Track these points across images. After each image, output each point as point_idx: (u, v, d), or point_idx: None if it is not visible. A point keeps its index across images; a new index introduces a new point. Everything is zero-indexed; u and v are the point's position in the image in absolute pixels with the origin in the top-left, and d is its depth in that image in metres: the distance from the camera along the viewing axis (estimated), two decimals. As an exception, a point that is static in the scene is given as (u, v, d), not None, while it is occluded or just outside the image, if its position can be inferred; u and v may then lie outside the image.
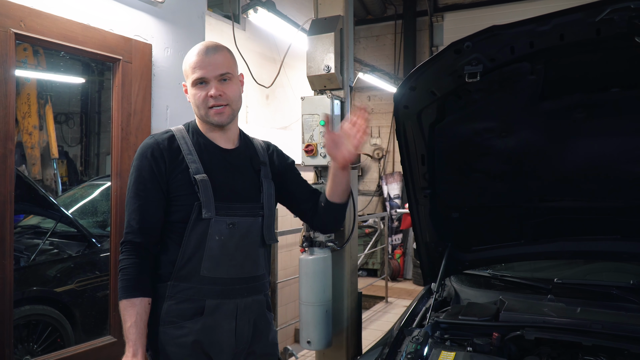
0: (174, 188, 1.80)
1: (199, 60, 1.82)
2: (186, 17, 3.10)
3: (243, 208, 1.86)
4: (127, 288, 1.75)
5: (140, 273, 1.78)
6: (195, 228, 1.79)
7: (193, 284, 1.80)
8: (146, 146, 1.84)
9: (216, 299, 1.81)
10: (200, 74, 1.81)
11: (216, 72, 1.82)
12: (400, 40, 10.11)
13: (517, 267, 2.97)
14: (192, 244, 1.79)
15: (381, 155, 10.45)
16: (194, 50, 1.86)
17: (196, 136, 1.90)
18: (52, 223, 4.05)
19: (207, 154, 1.86)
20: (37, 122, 5.77)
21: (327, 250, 3.57)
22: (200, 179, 1.79)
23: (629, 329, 2.01)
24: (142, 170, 1.81)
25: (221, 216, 1.80)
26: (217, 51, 1.86)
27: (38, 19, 2.31)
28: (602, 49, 1.80)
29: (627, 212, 2.35)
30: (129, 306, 1.73)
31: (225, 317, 1.82)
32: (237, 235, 1.84)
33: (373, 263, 9.40)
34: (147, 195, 1.80)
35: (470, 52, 1.86)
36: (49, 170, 6.08)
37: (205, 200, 1.78)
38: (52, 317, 3.70)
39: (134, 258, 1.78)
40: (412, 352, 2.03)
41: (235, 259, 1.84)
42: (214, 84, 1.82)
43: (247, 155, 1.96)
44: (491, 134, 2.20)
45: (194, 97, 1.84)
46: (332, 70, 3.54)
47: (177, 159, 1.82)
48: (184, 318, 1.79)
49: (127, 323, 1.72)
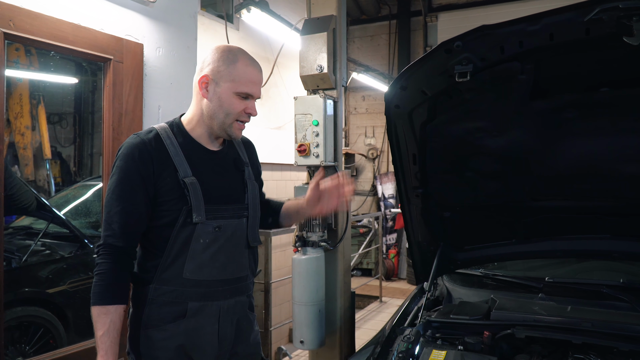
0: (163, 192, 1.74)
1: (256, 76, 1.83)
2: (178, 17, 3.10)
3: (229, 210, 1.84)
4: (102, 294, 1.68)
5: (117, 279, 1.72)
6: (182, 232, 1.75)
7: (175, 286, 1.76)
8: (132, 147, 1.74)
9: (199, 302, 1.77)
10: (252, 90, 1.80)
11: (260, 94, 1.85)
12: (394, 40, 10.12)
13: (509, 266, 2.98)
14: (177, 247, 1.75)
15: (375, 155, 10.45)
16: (245, 61, 1.81)
17: (181, 136, 1.83)
18: (44, 224, 4.04)
19: (194, 156, 1.81)
20: (29, 123, 5.74)
21: (320, 250, 3.57)
22: (189, 182, 1.74)
23: (619, 327, 2.02)
24: (127, 172, 1.72)
25: (209, 220, 1.77)
26: (262, 72, 1.89)
27: (28, 18, 2.30)
28: (591, 49, 1.80)
29: (617, 211, 2.36)
30: (103, 313, 1.66)
31: (208, 319, 1.79)
32: (222, 238, 1.81)
33: (367, 263, 9.41)
34: (132, 198, 1.72)
35: (461, 52, 1.86)
36: (41, 171, 6.05)
37: (196, 205, 1.74)
38: (44, 319, 3.68)
39: (112, 263, 1.71)
40: (403, 351, 2.03)
41: (219, 261, 1.81)
42: (253, 103, 1.84)
43: (231, 157, 1.93)
44: (482, 134, 2.20)
45: (229, 105, 1.78)
46: (324, 70, 3.54)
47: (164, 161, 1.75)
48: (166, 321, 1.75)
49: (100, 331, 1.66)
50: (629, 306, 2.32)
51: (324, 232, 3.60)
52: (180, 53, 3.09)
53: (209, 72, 1.79)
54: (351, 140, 10.71)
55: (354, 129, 10.73)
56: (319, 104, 3.54)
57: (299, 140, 3.61)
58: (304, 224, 3.58)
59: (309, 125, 3.56)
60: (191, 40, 3.18)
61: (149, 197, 1.74)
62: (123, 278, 1.75)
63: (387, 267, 9.32)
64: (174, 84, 3.04)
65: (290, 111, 3.70)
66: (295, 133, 3.64)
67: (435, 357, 2.00)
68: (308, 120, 3.58)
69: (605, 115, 2.03)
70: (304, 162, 3.62)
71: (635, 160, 2.11)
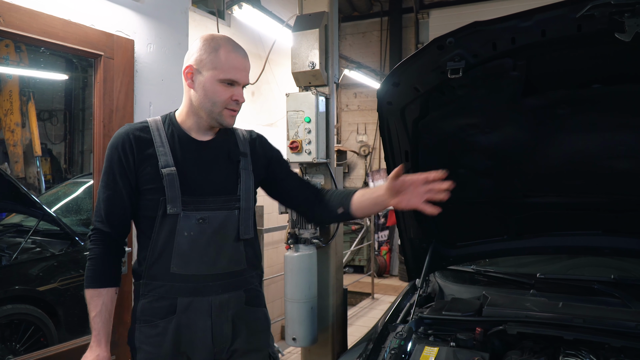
0: (143, 181, 1.76)
1: (239, 62, 1.78)
2: (169, 13, 3.08)
3: (216, 201, 1.80)
4: (94, 278, 1.76)
5: (107, 262, 1.78)
6: (164, 224, 1.75)
7: (164, 281, 1.77)
8: (118, 137, 1.79)
9: (188, 297, 1.77)
10: (235, 76, 1.76)
11: (247, 80, 1.81)
12: (386, 37, 10.12)
13: (501, 262, 2.99)
14: (161, 241, 1.76)
15: (367, 152, 10.46)
16: (227, 47, 1.77)
17: (171, 127, 1.84)
18: (34, 221, 4.01)
19: (179, 146, 1.81)
20: (19, 120, 5.70)
21: (312, 247, 3.57)
22: (167, 172, 1.74)
23: (610, 323, 2.03)
24: (112, 162, 1.78)
25: (190, 211, 1.75)
26: (247, 58, 1.84)
27: (17, 14, 2.27)
28: (583, 45, 1.81)
29: (608, 207, 2.37)
30: (95, 296, 1.74)
31: (199, 315, 1.77)
32: (209, 230, 1.77)
33: (359, 260, 9.43)
34: (115, 187, 1.77)
35: (453, 48, 1.85)
36: (32, 168, 6.01)
37: (171, 195, 1.73)
38: (34, 316, 3.66)
39: (102, 247, 1.78)
40: (395, 347, 2.04)
41: (207, 255, 1.78)
42: (240, 90, 1.80)
43: (224, 147, 1.88)
44: (475, 130, 2.20)
45: (214, 93, 1.76)
46: (316, 67, 3.53)
47: (147, 151, 1.77)
48: (158, 317, 1.76)
49: (92, 313, 1.74)
50: (620, 302, 2.34)
51: (316, 229, 3.60)
52: (172, 49, 3.07)
53: (192, 61, 1.77)
54: (343, 137, 10.71)
55: (345, 126, 10.73)
56: (311, 100, 3.53)
57: (291, 137, 3.60)
58: (296, 220, 3.58)
59: (301, 122, 3.56)
60: (182, 37, 3.16)
61: (131, 186, 1.77)
62: (113, 262, 1.81)
63: (379, 264, 9.33)
64: (165, 80, 3.02)
65: (282, 108, 3.68)
66: (287, 130, 3.63)
67: (427, 354, 2.00)
68: (300, 117, 3.57)
69: (597, 112, 2.03)
70: (296, 159, 3.61)
71: (627, 156, 2.12)
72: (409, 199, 1.77)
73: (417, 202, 1.75)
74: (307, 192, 2.07)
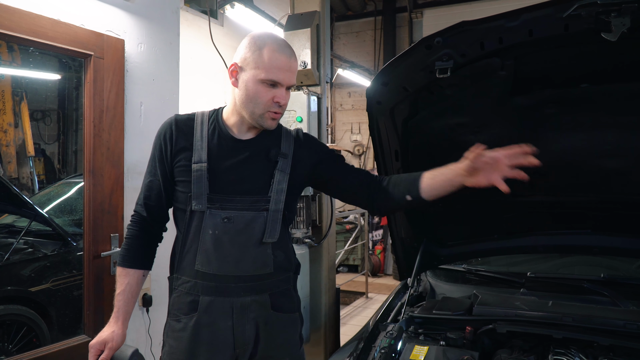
0: (177, 172, 1.79)
1: (283, 62, 1.71)
2: (160, 13, 3.07)
3: (244, 201, 1.75)
4: (125, 257, 1.83)
5: (140, 245, 1.84)
6: (192, 219, 1.76)
7: (190, 277, 1.77)
8: (163, 125, 1.85)
9: (210, 296, 1.75)
10: (278, 77, 1.71)
11: (291, 81, 1.76)
12: (380, 36, 10.13)
13: (492, 261, 3.00)
14: (190, 236, 1.77)
15: (362, 151, 10.47)
16: (272, 45, 1.72)
17: (215, 123, 1.83)
18: (26, 222, 3.99)
19: (217, 142, 1.79)
20: (12, 120, 5.68)
21: (304, 247, 3.57)
22: (196, 168, 1.74)
23: (599, 322, 2.04)
24: (154, 148, 1.84)
25: (215, 209, 1.73)
26: (295, 57, 1.79)
27: (6, 13, 2.26)
28: (570, 45, 1.81)
29: (597, 206, 2.38)
30: (123, 275, 1.81)
31: (220, 315, 1.75)
32: (233, 230, 1.73)
33: (354, 259, 9.43)
34: (154, 173, 1.83)
35: (441, 48, 1.86)
36: (25, 168, 5.99)
37: (197, 192, 1.73)
38: (27, 317, 3.65)
39: (138, 230, 1.84)
40: (386, 346, 2.04)
41: (230, 256, 1.74)
42: (283, 92, 1.74)
43: (264, 146, 1.83)
44: (464, 130, 2.20)
45: (256, 93, 1.72)
46: (308, 66, 3.54)
47: (185, 143, 1.78)
48: (183, 312, 1.78)
49: (117, 290, 1.80)
50: (609, 301, 2.35)
51: (308, 228, 3.60)
52: (163, 49, 3.06)
53: (238, 60, 1.75)
54: (337, 137, 10.72)
55: (340, 125, 10.74)
56: (303, 100, 3.54)
57: (283, 137, 3.60)
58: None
59: (293, 122, 3.56)
60: (173, 36, 3.15)
61: (167, 174, 1.81)
62: (146, 245, 1.87)
63: (373, 263, 9.34)
64: (156, 80, 3.01)
65: (274, 108, 3.68)
66: (279, 129, 3.63)
67: (417, 353, 2.01)
68: (292, 116, 3.57)
69: (585, 111, 2.04)
70: (288, 159, 3.61)
71: (615, 155, 2.13)
72: (488, 175, 1.67)
73: (497, 177, 1.66)
74: (365, 186, 1.92)
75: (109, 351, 1.73)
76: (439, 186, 1.80)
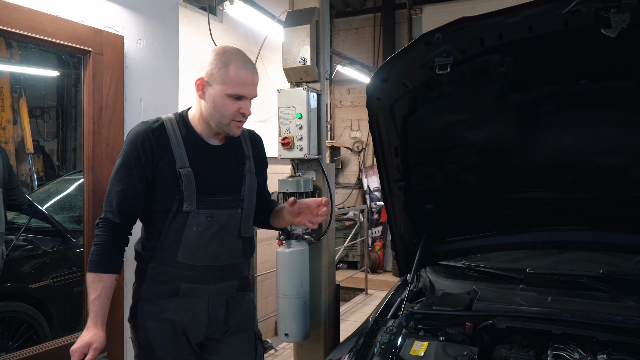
0: (159, 179, 1.90)
1: (248, 77, 1.89)
2: (159, 9, 3.06)
3: (224, 201, 1.96)
4: (98, 263, 1.88)
5: (112, 250, 1.91)
6: (176, 219, 1.90)
7: (170, 268, 1.93)
8: (137, 134, 1.91)
9: (190, 284, 1.94)
10: (244, 92, 1.89)
11: (254, 94, 1.94)
12: (379, 33, 10.11)
13: (491, 258, 3.01)
14: (172, 233, 1.91)
15: (361, 148, 10.46)
16: (236, 62, 1.88)
17: (185, 129, 1.97)
18: (26, 218, 3.99)
19: (195, 149, 1.94)
20: (11, 117, 5.67)
21: (304, 243, 3.58)
22: (184, 173, 1.88)
23: (598, 318, 2.05)
24: (130, 157, 1.89)
25: (201, 209, 1.91)
26: (256, 73, 1.95)
27: (4, 9, 2.26)
28: (570, 41, 1.81)
29: (596, 203, 2.39)
30: (97, 280, 1.86)
31: (198, 299, 1.95)
32: (215, 226, 1.94)
33: (353, 255, 9.44)
34: (131, 181, 1.89)
35: (441, 44, 1.86)
36: (24, 165, 5.99)
37: (188, 194, 1.88)
38: (27, 314, 3.65)
39: (109, 235, 1.90)
40: (386, 342, 2.05)
41: (211, 249, 1.94)
42: (247, 104, 1.93)
43: (233, 151, 2.04)
44: (463, 126, 2.21)
45: (223, 106, 1.88)
46: (308, 63, 3.53)
47: (164, 150, 1.90)
48: (161, 297, 1.94)
49: (92, 296, 1.86)
50: (608, 297, 2.36)
51: (307, 225, 3.60)
52: (162, 45, 3.06)
53: (204, 74, 1.90)
54: (337, 134, 10.71)
55: (339, 122, 10.73)
56: (303, 96, 3.53)
57: (282, 133, 3.60)
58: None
59: (293, 118, 3.56)
60: (173, 33, 3.14)
61: (147, 181, 1.91)
62: (117, 250, 1.94)
63: (373, 259, 9.35)
64: (155, 77, 3.00)
65: (274, 104, 3.69)
66: (278, 126, 3.63)
67: (417, 348, 2.01)
68: (292, 113, 3.57)
69: (583, 108, 2.05)
70: (288, 155, 3.62)
71: (614, 152, 2.13)
72: (307, 216, 2.00)
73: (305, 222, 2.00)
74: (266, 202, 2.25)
75: (94, 352, 1.81)
76: (278, 218, 2.20)
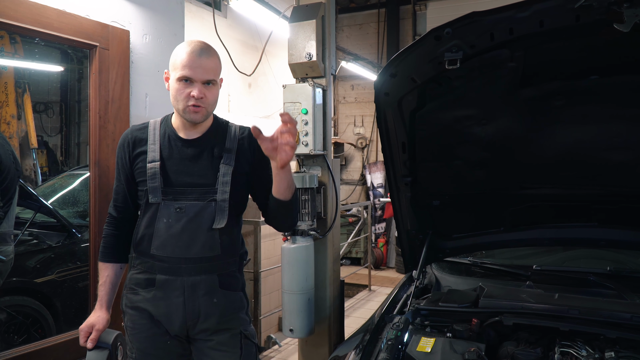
0: (137, 174, 2.02)
1: (189, 60, 1.90)
2: (165, 4, 3.06)
3: (194, 192, 1.98)
4: (103, 253, 2.11)
5: (114, 242, 2.11)
6: (147, 211, 2.00)
7: (148, 259, 2.01)
8: (122, 137, 2.10)
9: (165, 275, 1.99)
10: (187, 73, 1.90)
11: (203, 77, 1.92)
12: (383, 28, 10.09)
13: (497, 254, 2.99)
14: (144, 225, 2.01)
15: (365, 144, 10.45)
16: (185, 48, 1.93)
17: (165, 127, 2.06)
18: (31, 213, 4.00)
19: (168, 144, 2.02)
20: (15, 112, 5.68)
21: (309, 239, 3.57)
22: (150, 167, 1.98)
23: (605, 315, 2.03)
24: (117, 157, 2.09)
25: (169, 201, 1.97)
26: (209, 56, 1.94)
27: (11, 4, 2.26)
28: (581, 36, 1.80)
29: (604, 199, 2.37)
30: (102, 268, 2.09)
31: (173, 291, 1.99)
32: (185, 218, 1.97)
33: (357, 252, 9.43)
34: (119, 178, 2.09)
35: (450, 39, 1.85)
36: (28, 160, 6.00)
37: (152, 186, 1.97)
38: (32, 308, 3.66)
39: (112, 229, 2.11)
40: (392, 338, 2.04)
41: (182, 241, 1.97)
42: (198, 86, 1.92)
43: (209, 144, 2.04)
44: (471, 121, 2.20)
45: (176, 91, 1.93)
46: (313, 58, 3.52)
47: (141, 149, 2.02)
48: (140, 287, 2.03)
49: (100, 281, 2.09)
50: (615, 294, 2.35)
51: (313, 220, 3.60)
52: (167, 40, 3.06)
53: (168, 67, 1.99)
54: (340, 130, 10.70)
55: (343, 118, 10.72)
56: (308, 92, 3.52)
57: (287, 129, 3.59)
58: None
59: (298, 114, 3.55)
60: (178, 28, 3.14)
61: (129, 179, 2.06)
62: (120, 242, 2.11)
63: (376, 256, 9.35)
64: (161, 72, 3.00)
65: (279, 100, 3.68)
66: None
67: (423, 344, 2.01)
68: (297, 108, 3.56)
69: (593, 103, 2.03)
70: (293, 151, 3.60)
71: (623, 148, 2.12)
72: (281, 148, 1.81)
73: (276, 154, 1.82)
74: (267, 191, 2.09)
75: (96, 332, 1.99)
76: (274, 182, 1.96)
